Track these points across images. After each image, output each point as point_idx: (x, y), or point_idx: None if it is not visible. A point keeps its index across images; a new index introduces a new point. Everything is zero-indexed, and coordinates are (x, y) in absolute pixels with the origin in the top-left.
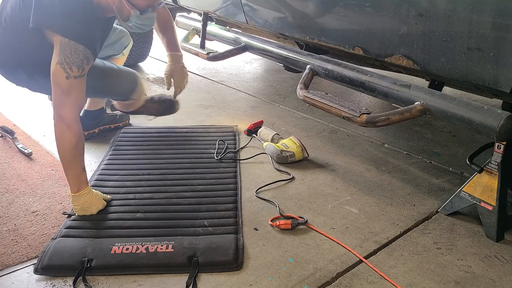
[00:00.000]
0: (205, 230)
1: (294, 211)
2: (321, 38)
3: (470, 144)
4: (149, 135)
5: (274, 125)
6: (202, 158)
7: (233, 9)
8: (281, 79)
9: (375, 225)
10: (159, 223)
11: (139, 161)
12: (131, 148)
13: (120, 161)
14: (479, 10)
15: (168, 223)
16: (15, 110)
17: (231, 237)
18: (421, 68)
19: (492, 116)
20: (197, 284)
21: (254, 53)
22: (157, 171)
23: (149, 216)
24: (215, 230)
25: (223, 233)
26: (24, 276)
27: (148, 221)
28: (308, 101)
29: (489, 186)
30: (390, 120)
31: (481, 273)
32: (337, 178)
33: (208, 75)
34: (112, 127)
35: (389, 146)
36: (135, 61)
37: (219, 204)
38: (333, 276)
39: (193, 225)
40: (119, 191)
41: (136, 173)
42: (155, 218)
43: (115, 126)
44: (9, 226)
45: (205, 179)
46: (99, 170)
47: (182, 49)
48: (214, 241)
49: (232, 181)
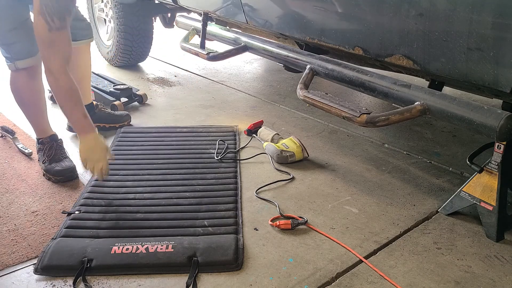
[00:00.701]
0: (205, 230)
1: (294, 211)
2: (321, 38)
3: (470, 144)
4: (149, 135)
5: (274, 125)
6: (202, 158)
7: (233, 9)
8: (281, 79)
9: (375, 225)
10: (159, 223)
11: (139, 161)
12: (131, 148)
13: (120, 161)
14: (479, 10)
15: (168, 223)
16: (15, 110)
17: (231, 237)
18: (421, 68)
19: (492, 116)
20: (197, 284)
21: (254, 53)
22: (157, 171)
23: (149, 216)
24: (215, 230)
25: (223, 233)
26: (24, 276)
27: (148, 221)
28: (308, 101)
29: (489, 186)
30: (390, 120)
31: (481, 273)
32: (337, 178)
33: (208, 75)
34: (107, 126)
35: (389, 146)
36: (135, 61)
37: (219, 204)
38: (333, 276)
39: (193, 225)
40: (119, 191)
41: (136, 173)
42: (155, 218)
43: (110, 126)
44: (9, 226)
45: (205, 179)
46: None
47: (182, 49)
48: (214, 241)
49: (232, 181)
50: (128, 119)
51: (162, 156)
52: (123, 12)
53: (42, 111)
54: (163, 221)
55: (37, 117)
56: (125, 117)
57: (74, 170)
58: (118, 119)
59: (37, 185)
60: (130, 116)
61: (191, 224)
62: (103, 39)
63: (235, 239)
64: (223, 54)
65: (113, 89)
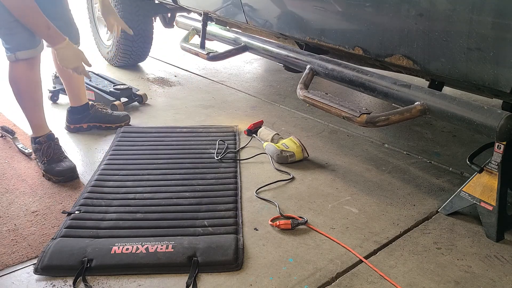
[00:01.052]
0: (205, 230)
1: (294, 211)
2: (321, 38)
3: (470, 144)
4: (149, 135)
5: (274, 125)
6: (202, 158)
7: (233, 9)
8: (281, 79)
9: (375, 225)
10: (159, 223)
11: (139, 161)
12: (131, 148)
13: (120, 161)
14: (479, 10)
15: (168, 223)
16: (15, 110)
17: (231, 237)
18: (421, 68)
19: (492, 116)
20: (197, 284)
21: (254, 53)
22: (157, 171)
23: (149, 216)
24: (215, 230)
25: (223, 233)
26: (24, 276)
27: (148, 221)
28: (308, 101)
29: (489, 186)
30: (390, 120)
31: (481, 273)
32: (337, 178)
33: (208, 75)
34: (103, 126)
35: (389, 146)
36: (135, 61)
37: (219, 204)
38: (333, 276)
39: (193, 225)
40: (119, 191)
41: (136, 173)
42: (155, 218)
43: (106, 126)
44: (9, 226)
45: (205, 179)
46: (99, 170)
47: (182, 49)
48: (214, 241)
49: (232, 181)
50: (126, 120)
51: (162, 156)
52: (123, 12)
53: (39, 104)
54: (163, 221)
55: (34, 111)
56: (122, 118)
57: (75, 170)
58: (114, 120)
59: (37, 185)
60: (129, 116)
61: (191, 224)
62: (103, 39)
63: (235, 239)
64: (223, 54)
65: (113, 89)
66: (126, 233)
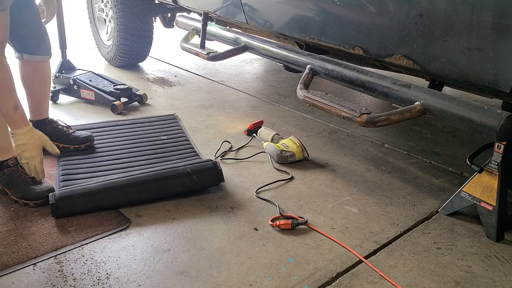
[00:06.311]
0: (186, 168)
1: (294, 211)
2: (321, 38)
3: (470, 144)
4: (95, 131)
5: (274, 125)
6: (157, 145)
7: (233, 9)
8: (281, 79)
9: (375, 225)
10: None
11: (99, 158)
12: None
13: (77, 165)
14: (479, 10)
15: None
16: None
17: (210, 163)
18: (421, 68)
19: (492, 116)
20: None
21: (254, 53)
22: (123, 161)
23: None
24: (196, 168)
25: (204, 167)
26: (24, 276)
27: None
28: (308, 101)
29: (489, 186)
30: (390, 120)
31: (481, 273)
32: (337, 178)
33: (208, 75)
34: (60, 146)
35: (389, 146)
36: (135, 61)
37: (186, 159)
38: (333, 276)
39: (177, 167)
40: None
41: (102, 166)
42: (140, 173)
43: (63, 146)
44: (9, 226)
45: (167, 157)
46: (59, 182)
47: (182, 49)
48: (201, 166)
49: (186, 143)
50: (87, 142)
51: (120, 148)
52: (123, 12)
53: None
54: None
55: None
56: (82, 139)
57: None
58: (72, 141)
59: None
60: (93, 137)
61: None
62: (103, 39)
63: (214, 163)
64: (223, 54)
65: (113, 89)
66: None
